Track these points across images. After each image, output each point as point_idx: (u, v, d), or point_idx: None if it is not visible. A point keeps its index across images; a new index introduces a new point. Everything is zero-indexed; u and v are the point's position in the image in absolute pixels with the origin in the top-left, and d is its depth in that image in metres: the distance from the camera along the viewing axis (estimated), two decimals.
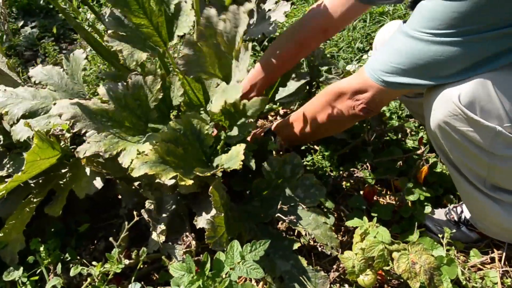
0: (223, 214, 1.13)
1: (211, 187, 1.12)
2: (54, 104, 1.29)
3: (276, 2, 1.75)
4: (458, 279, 1.28)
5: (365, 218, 1.15)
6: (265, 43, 2.36)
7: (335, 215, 1.46)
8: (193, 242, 1.20)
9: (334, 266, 1.32)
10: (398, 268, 1.05)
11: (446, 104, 1.04)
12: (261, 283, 1.28)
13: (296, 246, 1.26)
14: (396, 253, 1.08)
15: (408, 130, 1.73)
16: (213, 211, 1.19)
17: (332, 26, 1.43)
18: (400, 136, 1.69)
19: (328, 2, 1.39)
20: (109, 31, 1.34)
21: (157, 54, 1.38)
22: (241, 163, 1.21)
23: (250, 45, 1.28)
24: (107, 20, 1.39)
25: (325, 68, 1.73)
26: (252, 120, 1.33)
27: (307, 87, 1.75)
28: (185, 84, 1.45)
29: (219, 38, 1.30)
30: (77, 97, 1.55)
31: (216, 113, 1.30)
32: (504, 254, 1.43)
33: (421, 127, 1.80)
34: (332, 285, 1.29)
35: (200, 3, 1.63)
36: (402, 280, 1.29)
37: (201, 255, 1.16)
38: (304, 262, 1.24)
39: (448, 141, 1.11)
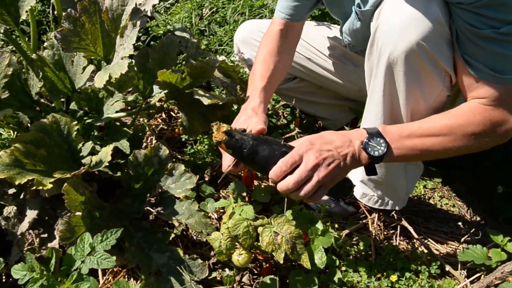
0: (81, 213, 1.08)
1: (65, 185, 1.07)
2: None
3: None
4: (333, 248, 1.34)
5: (230, 198, 1.16)
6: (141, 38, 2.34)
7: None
8: (36, 240, 1.13)
9: (213, 252, 1.32)
10: (262, 241, 1.07)
11: (424, 23, 1.04)
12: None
13: (170, 237, 1.24)
14: (261, 228, 1.10)
15: (280, 113, 1.79)
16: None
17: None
18: (276, 120, 1.74)
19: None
20: None
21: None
22: (107, 163, 1.18)
23: (138, 22, 1.24)
24: None
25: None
26: (120, 100, 1.31)
27: None
28: (46, 70, 1.37)
29: (104, 15, 1.25)
30: None
31: (101, 88, 1.24)
32: (376, 218, 1.53)
33: (289, 108, 1.87)
34: (213, 272, 1.28)
35: None
36: None
37: None
38: (180, 252, 1.22)
39: (410, 68, 1.10)
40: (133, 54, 1.76)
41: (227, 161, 1.17)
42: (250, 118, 1.21)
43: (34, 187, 1.20)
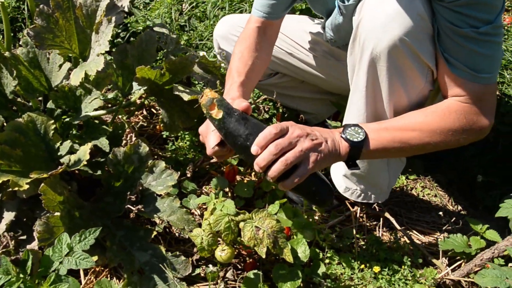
0: (59, 213, 1.06)
1: (42, 185, 1.05)
2: None
3: None
4: (317, 241, 1.35)
5: (212, 194, 1.16)
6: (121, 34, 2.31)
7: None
8: (12, 242, 1.11)
9: (196, 249, 1.31)
10: (244, 237, 1.07)
11: (407, 18, 1.03)
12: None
13: (152, 235, 1.23)
14: (242, 223, 1.09)
15: (261, 107, 1.79)
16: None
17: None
18: (257, 115, 1.73)
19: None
20: None
21: None
22: (85, 162, 1.16)
23: (113, 18, 1.22)
24: None
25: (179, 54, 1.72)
26: (98, 97, 1.29)
27: None
28: (21, 68, 1.34)
29: (78, 11, 1.22)
30: None
31: (77, 85, 1.22)
32: (358, 210, 1.53)
33: (271, 102, 1.87)
34: (196, 268, 1.28)
35: None
36: None
37: None
38: (163, 249, 1.22)
39: (393, 64, 1.09)
40: (112, 50, 1.74)
41: (212, 140, 1.09)
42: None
43: (11, 188, 1.18)
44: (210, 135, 1.10)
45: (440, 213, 1.67)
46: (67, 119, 1.39)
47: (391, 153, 1.14)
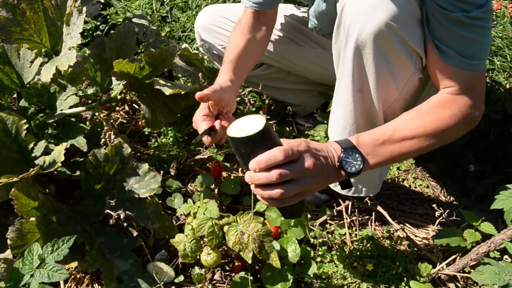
0: (33, 219, 0.99)
1: (13, 189, 0.98)
2: None
3: None
4: (308, 238, 1.30)
5: (190, 200, 1.10)
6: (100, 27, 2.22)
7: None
8: None
9: None
10: (229, 241, 1.01)
11: (392, 2, 0.99)
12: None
13: (137, 244, 1.17)
14: (227, 227, 1.04)
15: (246, 100, 1.72)
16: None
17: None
18: (243, 107, 1.67)
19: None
20: None
21: None
22: (60, 164, 1.10)
23: (84, 8, 1.14)
24: None
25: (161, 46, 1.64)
26: (73, 94, 1.22)
27: None
28: None
29: (47, 2, 1.14)
30: None
31: (49, 81, 1.15)
32: (350, 205, 1.49)
33: (260, 96, 1.82)
34: (182, 271, 1.22)
35: None
36: None
37: None
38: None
39: (379, 51, 1.04)
40: (89, 43, 1.66)
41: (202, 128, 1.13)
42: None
43: None
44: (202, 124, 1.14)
45: (433, 205, 1.62)
46: (43, 118, 1.31)
47: (389, 163, 1.09)
